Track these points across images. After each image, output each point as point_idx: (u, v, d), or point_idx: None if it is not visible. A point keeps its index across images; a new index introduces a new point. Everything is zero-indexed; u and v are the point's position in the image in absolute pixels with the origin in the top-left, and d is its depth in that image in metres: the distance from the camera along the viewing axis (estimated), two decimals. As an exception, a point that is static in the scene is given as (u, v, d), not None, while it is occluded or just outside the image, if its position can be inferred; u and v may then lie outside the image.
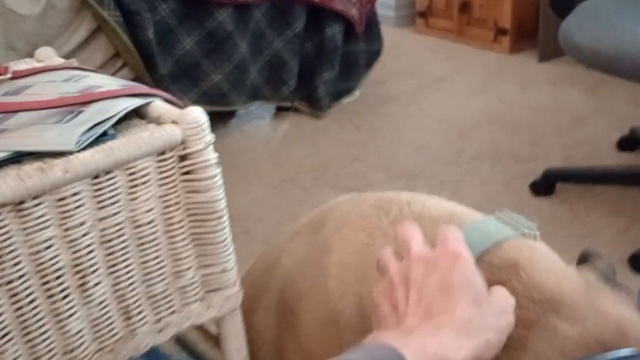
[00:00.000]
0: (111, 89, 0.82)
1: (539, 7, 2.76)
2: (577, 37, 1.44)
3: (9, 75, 0.90)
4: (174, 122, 0.75)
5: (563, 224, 1.61)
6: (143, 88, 0.84)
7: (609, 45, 1.37)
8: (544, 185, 1.75)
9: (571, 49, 1.47)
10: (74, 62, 0.95)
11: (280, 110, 2.45)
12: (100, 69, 1.91)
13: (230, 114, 2.43)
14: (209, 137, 0.76)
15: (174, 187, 0.75)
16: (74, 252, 0.71)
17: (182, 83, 2.12)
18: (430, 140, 2.12)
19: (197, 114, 0.73)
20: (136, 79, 2.02)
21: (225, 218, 0.79)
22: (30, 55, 1.48)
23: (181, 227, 0.76)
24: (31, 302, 0.70)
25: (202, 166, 0.74)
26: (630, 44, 1.33)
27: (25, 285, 0.69)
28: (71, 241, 0.71)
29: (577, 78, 2.52)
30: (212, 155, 0.75)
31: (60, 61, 0.99)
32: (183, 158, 0.75)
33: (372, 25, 2.48)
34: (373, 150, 2.08)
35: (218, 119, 2.40)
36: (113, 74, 1.98)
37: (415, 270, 0.57)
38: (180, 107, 0.77)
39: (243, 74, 2.20)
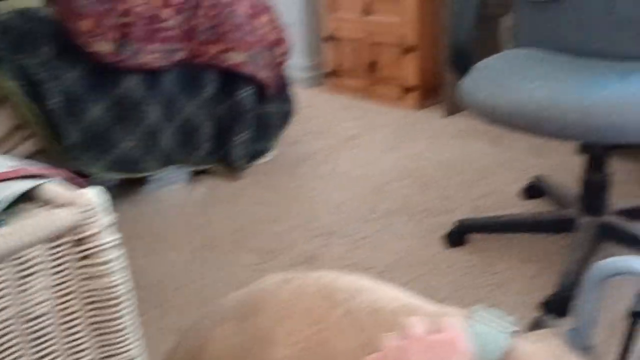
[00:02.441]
0: None
1: (442, 65, 2.92)
2: (475, 95, 1.52)
3: None
4: (68, 204, 0.70)
5: (477, 274, 1.66)
6: (35, 168, 0.79)
7: (505, 102, 1.45)
8: (457, 237, 1.80)
9: (472, 106, 1.54)
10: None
11: (195, 174, 2.42)
12: (3, 141, 1.84)
13: (144, 180, 2.38)
14: (108, 218, 0.72)
15: (69, 274, 0.70)
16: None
17: (92, 152, 2.07)
18: (345, 197, 2.15)
19: (94, 195, 0.69)
20: (43, 150, 1.95)
21: (127, 304, 0.75)
22: None
23: (79, 317, 0.71)
24: None
25: (100, 250, 0.70)
26: (525, 101, 1.42)
27: None
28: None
29: (480, 131, 2.65)
30: (110, 238, 0.71)
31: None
32: (79, 243, 0.71)
33: (283, 86, 2.53)
34: (290, 210, 2.09)
35: (131, 186, 2.34)
36: (17, 146, 1.91)
37: (413, 351, 0.56)
38: (81, 186, 0.74)
39: (155, 139, 2.17)
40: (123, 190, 2.32)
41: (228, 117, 2.38)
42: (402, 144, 2.58)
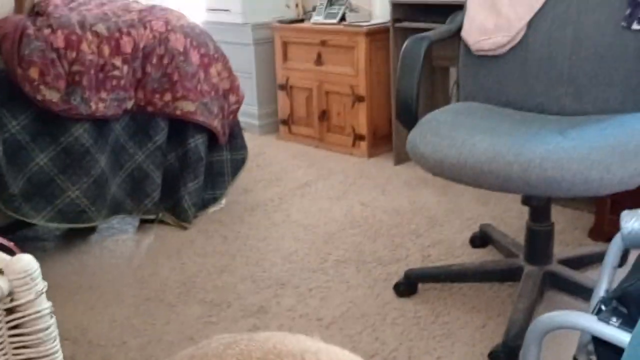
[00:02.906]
0: None
1: (391, 115, 2.98)
2: (421, 149, 1.55)
3: None
4: None
5: (426, 324, 1.66)
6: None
7: (450, 155, 1.49)
8: (407, 287, 1.81)
9: (418, 159, 1.58)
10: None
11: (144, 222, 2.38)
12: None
13: (91, 229, 2.33)
14: (40, 285, 0.69)
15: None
16: None
17: (36, 201, 2.02)
18: (296, 247, 2.15)
19: (27, 262, 0.67)
20: (-18, 199, 1.89)
21: None
22: None
23: None
24: None
25: (33, 318, 0.67)
26: (469, 154, 1.46)
27: None
28: None
29: (429, 180, 2.70)
30: (44, 306, 0.68)
31: None
32: (10, 311, 0.68)
33: (235, 135, 2.53)
34: (240, 261, 2.07)
35: (77, 236, 2.28)
36: (-45, 196, 1.85)
37: None
38: (11, 252, 0.71)
39: (103, 188, 2.13)
40: (69, 239, 2.26)
41: (178, 165, 2.36)
42: (353, 192, 2.60)
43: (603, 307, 1.01)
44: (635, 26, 1.62)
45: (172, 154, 2.35)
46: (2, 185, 1.92)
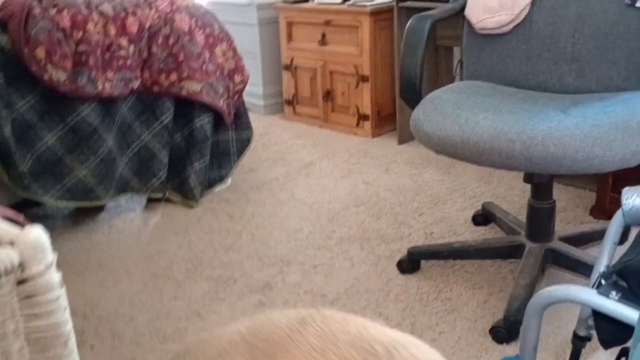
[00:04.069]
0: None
1: (395, 94, 2.99)
2: (425, 126, 1.57)
3: None
4: (10, 243, 0.70)
5: (429, 300, 1.69)
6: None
7: (453, 133, 1.50)
8: (410, 264, 1.84)
9: (421, 137, 1.59)
10: None
11: (151, 201, 2.41)
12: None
13: (99, 208, 2.36)
14: (50, 257, 0.71)
15: (11, 314, 0.70)
16: None
17: (45, 180, 2.05)
18: (301, 225, 2.17)
19: (37, 235, 0.69)
20: (-8, 178, 1.92)
21: (72, 342, 0.74)
22: None
23: (22, 357, 0.71)
24: None
25: (44, 289, 0.69)
26: (472, 132, 1.47)
27: None
28: None
29: (432, 159, 2.71)
30: (54, 277, 0.70)
31: None
32: (21, 282, 0.70)
33: (240, 115, 2.55)
34: (246, 238, 2.10)
35: (85, 214, 2.32)
36: (-35, 175, 1.87)
37: None
38: (21, 225, 0.74)
39: (110, 167, 2.16)
40: (77, 218, 2.30)
41: (184, 145, 2.38)
42: (357, 171, 2.62)
43: (603, 281, 1.03)
44: (639, 4, 1.62)
45: (178, 134, 2.37)
46: (11, 164, 1.94)
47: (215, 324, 1.64)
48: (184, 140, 2.38)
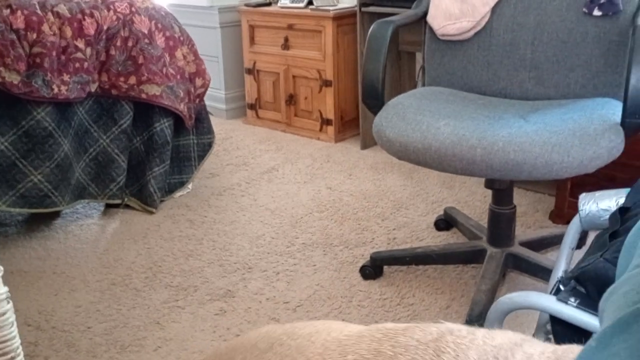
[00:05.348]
0: None
1: (359, 99, 2.99)
2: (387, 132, 1.57)
3: None
4: None
5: (391, 306, 1.69)
6: None
7: (415, 140, 1.50)
8: (372, 269, 1.83)
9: (384, 143, 1.59)
10: None
11: (109, 207, 2.35)
12: None
13: (55, 214, 2.29)
14: None
15: None
16: None
17: (-4, 186, 1.98)
18: (263, 231, 2.15)
19: None
20: (-60, 184, 1.85)
21: (19, 358, 0.71)
22: None
23: None
24: None
25: None
26: (433, 138, 1.48)
27: None
28: None
29: (395, 164, 2.72)
30: (1, 290, 0.67)
31: None
32: None
33: (202, 119, 2.51)
34: (207, 245, 2.06)
35: (40, 221, 2.25)
36: None
37: None
38: None
39: (66, 173, 2.10)
40: (32, 225, 2.23)
41: (144, 149, 2.34)
42: (320, 176, 2.61)
43: (561, 287, 1.04)
44: (596, 12, 1.65)
45: (138, 138, 2.33)
46: (-39, 169, 1.87)
47: (175, 333, 1.60)
48: (143, 145, 2.34)
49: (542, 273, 1.71)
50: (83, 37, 2.09)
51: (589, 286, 1.02)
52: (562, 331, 1.06)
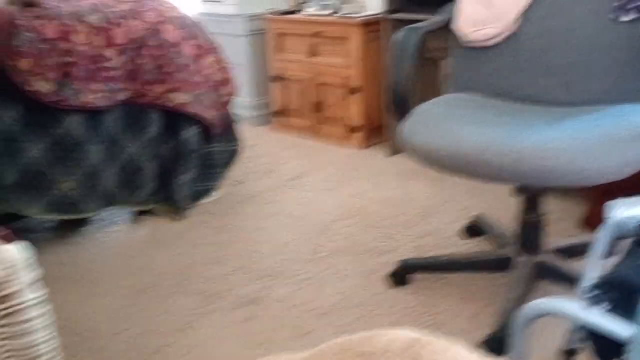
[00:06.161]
0: None
1: (385, 106, 2.98)
2: (413, 139, 1.56)
3: None
4: None
5: (418, 315, 1.67)
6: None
7: (441, 147, 1.49)
8: (399, 277, 1.82)
9: (410, 150, 1.58)
10: None
11: (138, 214, 2.38)
12: None
13: (84, 221, 2.33)
14: (32, 274, 0.69)
15: None
16: None
17: (29, 193, 2.01)
18: (289, 238, 2.15)
19: (14, 253, 0.67)
20: (-26, 191, 1.89)
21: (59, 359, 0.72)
22: None
23: None
24: None
25: (20, 309, 0.67)
26: (460, 145, 1.46)
27: None
28: None
29: (422, 171, 2.70)
30: (32, 296, 0.68)
31: None
32: (2, 300, 0.68)
33: (229, 126, 2.53)
34: (233, 252, 2.07)
35: (71, 227, 2.28)
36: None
37: None
38: (6, 240, 0.72)
39: (95, 180, 2.13)
40: (62, 232, 2.26)
41: (172, 157, 2.36)
42: (346, 184, 2.61)
43: (589, 295, 1.02)
44: (623, 18, 1.62)
45: (166, 146, 2.35)
46: (-6, 177, 1.91)
47: (202, 339, 1.61)
48: (171, 153, 2.36)
49: (571, 281, 1.68)
50: (112, 46, 2.12)
51: (616, 294, 1.00)
52: (601, 339, 1.04)
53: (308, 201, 2.45)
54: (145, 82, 2.22)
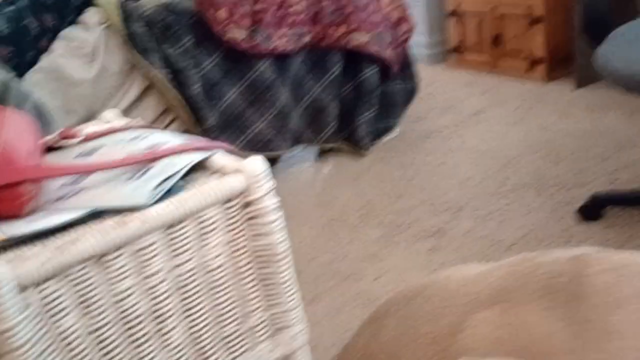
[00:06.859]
0: (174, 146, 0.88)
1: (573, 34, 2.79)
2: (614, 63, 1.46)
3: (81, 138, 0.97)
4: (236, 172, 0.80)
5: (614, 249, 1.60)
6: (203, 142, 0.90)
7: (645, 69, 1.39)
8: (592, 210, 1.75)
9: (609, 74, 1.49)
10: (139, 120, 1.03)
11: (322, 152, 2.51)
12: (152, 124, 2.01)
13: (275, 159, 2.50)
14: (270, 184, 0.80)
15: (239, 232, 0.80)
16: (152, 299, 0.77)
17: (229, 133, 2.21)
18: (473, 172, 2.15)
19: (258, 164, 0.79)
20: (186, 131, 2.11)
21: (289, 259, 0.83)
22: (88, 116, 1.58)
23: (248, 269, 0.81)
24: (116, 347, 0.75)
25: (265, 211, 0.79)
26: (667, 67, 1.35)
27: (110, 332, 0.74)
28: (149, 289, 0.76)
29: (615, 103, 2.52)
30: (273, 201, 0.80)
31: (124, 121, 1.07)
32: (247, 205, 0.80)
33: (407, 64, 2.54)
34: (416, 186, 2.12)
35: (263, 165, 2.47)
36: (164, 129, 2.08)
37: None
38: (241, 157, 0.83)
39: (285, 120, 2.28)
40: (256, 169, 2.46)
41: (353, 97, 2.44)
42: (530, 117, 2.51)
43: None
44: None
45: (347, 86, 2.43)
46: (201, 118, 2.12)
47: (392, 265, 1.69)
48: (352, 92, 2.44)
49: None
50: (297, -10, 2.21)
51: None
52: None
53: (491, 135, 2.41)
54: (327, 24, 2.30)
